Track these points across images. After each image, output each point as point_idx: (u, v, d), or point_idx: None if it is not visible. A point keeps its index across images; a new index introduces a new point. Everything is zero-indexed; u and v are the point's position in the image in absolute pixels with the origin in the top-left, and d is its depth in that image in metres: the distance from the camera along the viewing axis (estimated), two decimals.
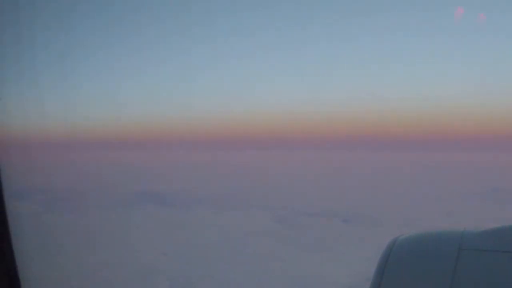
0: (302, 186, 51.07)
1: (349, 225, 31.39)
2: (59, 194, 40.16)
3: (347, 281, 20.40)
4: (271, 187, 49.45)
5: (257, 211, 35.85)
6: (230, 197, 42.32)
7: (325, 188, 48.91)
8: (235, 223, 32.20)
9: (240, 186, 50.44)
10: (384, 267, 1.86)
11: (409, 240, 2.01)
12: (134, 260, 23.68)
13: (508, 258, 1.78)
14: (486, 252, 1.83)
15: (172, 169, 69.14)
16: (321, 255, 24.59)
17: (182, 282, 21.35)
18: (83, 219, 33.63)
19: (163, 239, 28.30)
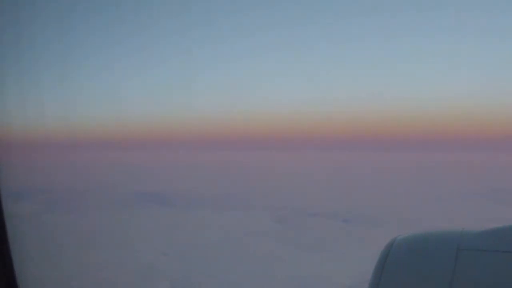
0: (302, 186, 51.08)
1: (349, 225, 31.40)
2: (59, 194, 40.18)
3: (347, 281, 20.41)
4: (271, 187, 49.47)
5: (257, 211, 35.86)
6: (230, 198, 42.33)
7: (325, 188, 48.92)
8: (235, 223, 32.21)
9: (240, 187, 50.46)
10: (383, 267, 1.86)
11: (407, 240, 2.01)
12: (134, 260, 23.70)
13: (507, 258, 1.78)
14: (485, 252, 1.83)
15: (172, 169, 69.18)
16: (321, 255, 24.60)
17: (182, 282, 21.37)
18: (83, 219, 33.65)
19: (164, 239, 28.32)
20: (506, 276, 1.74)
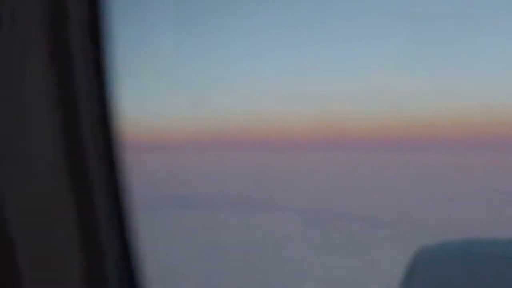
0: (332, 188, 50.67)
1: (378, 229, 31.06)
2: None
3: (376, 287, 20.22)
4: (300, 190, 49.17)
5: (286, 214, 35.67)
6: (257, 200, 42.22)
7: (354, 191, 48.44)
8: (262, 227, 32.16)
9: (268, 189, 50.29)
10: (411, 277, 1.90)
11: (436, 248, 2.04)
12: (157, 263, 23.87)
13: None
14: None
15: (196, 171, 69.35)
16: (351, 259, 24.40)
17: (206, 285, 21.46)
18: None
19: (188, 242, 28.44)
20: None
